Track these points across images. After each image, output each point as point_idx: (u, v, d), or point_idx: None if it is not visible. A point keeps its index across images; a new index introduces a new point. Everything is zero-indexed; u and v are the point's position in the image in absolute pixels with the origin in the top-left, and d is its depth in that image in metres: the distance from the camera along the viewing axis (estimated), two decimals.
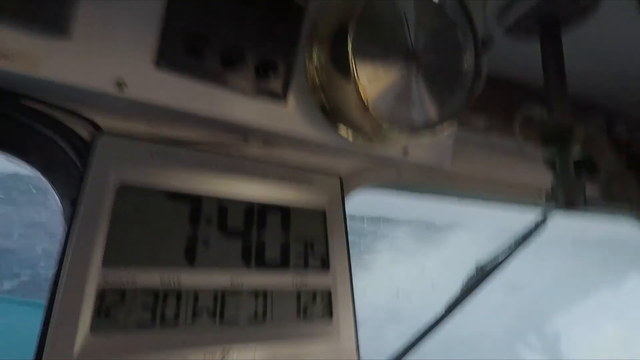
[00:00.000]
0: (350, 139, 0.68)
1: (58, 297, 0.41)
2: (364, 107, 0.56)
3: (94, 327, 0.41)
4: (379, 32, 0.57)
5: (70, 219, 0.45)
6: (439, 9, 0.62)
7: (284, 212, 0.59)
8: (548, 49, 0.74)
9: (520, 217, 1.03)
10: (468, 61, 0.66)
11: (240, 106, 0.57)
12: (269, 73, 0.57)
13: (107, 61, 0.47)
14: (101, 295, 0.43)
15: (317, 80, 0.63)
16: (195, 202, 0.52)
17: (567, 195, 0.58)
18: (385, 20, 0.58)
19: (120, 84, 0.49)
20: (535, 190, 0.95)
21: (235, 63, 0.54)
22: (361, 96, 0.56)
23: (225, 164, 0.56)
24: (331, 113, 0.64)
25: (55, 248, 0.46)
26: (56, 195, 0.52)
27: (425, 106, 0.63)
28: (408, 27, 0.59)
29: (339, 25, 0.60)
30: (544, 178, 0.95)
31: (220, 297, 0.49)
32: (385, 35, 0.58)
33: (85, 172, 0.47)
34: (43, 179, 0.52)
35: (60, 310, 0.41)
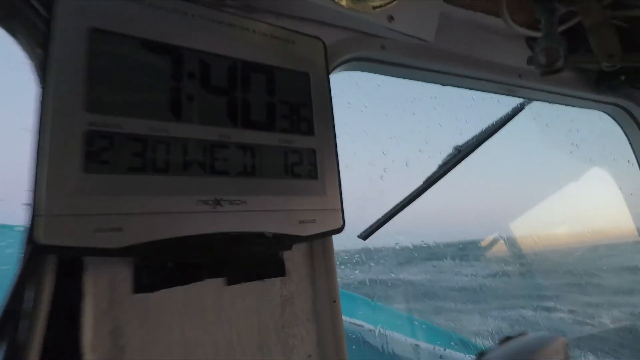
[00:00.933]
0: (334, 1, 0.64)
1: (44, 143, 0.40)
2: None
3: (86, 167, 0.41)
4: None
5: (42, 67, 0.42)
6: None
7: (268, 72, 0.57)
8: None
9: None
10: None
11: None
12: None
13: None
14: (89, 138, 0.41)
15: None
16: (174, 55, 0.49)
17: (549, 57, 0.59)
18: None
19: None
20: (517, 71, 0.95)
21: None
22: None
23: (205, 15, 0.52)
24: None
25: None
26: (21, 47, 0.48)
27: None
28: None
29: None
30: (524, 59, 0.94)
31: (210, 149, 0.49)
32: None
33: (52, 16, 0.43)
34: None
35: (49, 154, 0.39)
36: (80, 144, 0.41)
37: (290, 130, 0.57)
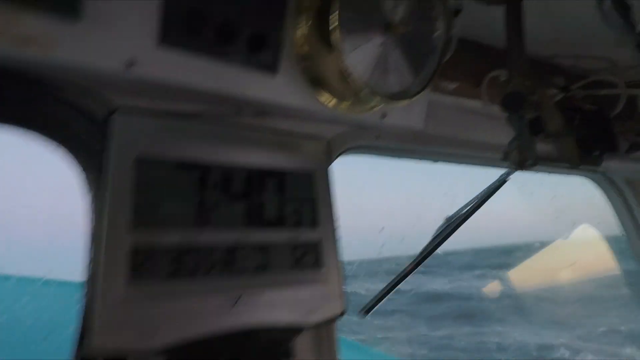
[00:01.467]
0: (334, 105, 0.74)
1: (98, 256, 0.48)
2: (345, 75, 0.62)
3: (131, 278, 0.49)
4: (360, 5, 0.63)
5: (95, 190, 0.52)
6: None
7: (280, 177, 0.67)
8: (510, 15, 0.81)
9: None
10: (440, 29, 0.72)
11: (234, 79, 0.62)
12: (261, 45, 0.62)
13: (117, 42, 0.51)
14: (134, 253, 0.50)
15: (303, 50, 0.68)
16: (203, 171, 0.59)
17: (520, 156, 0.68)
18: None
19: (129, 63, 0.53)
20: (500, 148, 1.05)
21: (229, 38, 0.59)
22: (343, 65, 0.62)
23: (226, 135, 0.63)
24: (316, 81, 0.70)
25: None
26: (78, 169, 0.57)
27: (402, 73, 0.70)
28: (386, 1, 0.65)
29: None
30: (508, 137, 1.05)
31: (231, 251, 0.58)
32: (366, 7, 0.63)
33: (106, 148, 0.53)
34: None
35: (102, 268, 0.48)
36: (128, 261, 0.49)
37: (298, 226, 0.66)
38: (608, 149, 1.09)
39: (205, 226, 0.57)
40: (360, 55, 0.64)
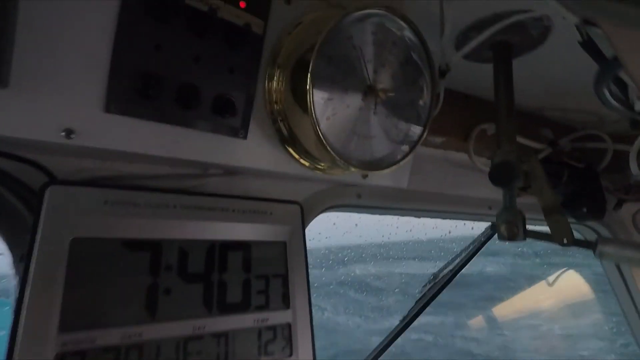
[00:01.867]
0: (310, 167, 0.68)
1: None
2: (321, 142, 0.56)
3: None
4: (337, 66, 0.57)
5: (22, 278, 0.43)
6: (397, 43, 0.63)
7: (245, 249, 0.59)
8: (499, 75, 0.77)
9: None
10: (425, 90, 0.68)
11: (198, 144, 0.55)
12: (227, 108, 0.56)
13: (52, 109, 0.44)
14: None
15: (276, 110, 0.62)
16: (154, 249, 0.51)
17: (510, 231, 0.63)
18: (343, 54, 0.57)
19: (68, 132, 0.46)
20: (487, 202, 1.01)
21: (191, 101, 0.53)
22: (318, 132, 0.56)
23: (185, 204, 0.55)
24: (291, 142, 0.64)
25: None
26: (8, 251, 0.49)
27: (384, 138, 0.64)
28: (365, 62, 0.60)
29: (299, 56, 0.60)
30: (495, 191, 1.01)
31: (183, 346, 0.49)
32: (343, 69, 0.58)
33: (35, 225, 0.45)
34: None
35: None
36: None
37: (266, 307, 0.58)
38: (596, 206, 1.06)
39: (154, 320, 0.49)
40: (337, 120, 0.58)
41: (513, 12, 0.66)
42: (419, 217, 0.95)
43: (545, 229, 0.67)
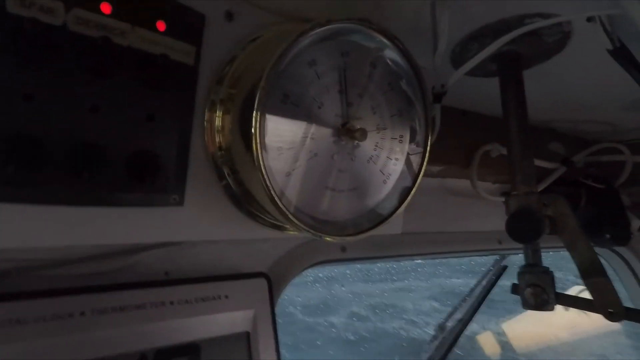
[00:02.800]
0: (272, 226, 0.53)
1: None
2: (280, 211, 0.41)
3: None
4: (297, 102, 0.42)
5: None
6: (377, 65, 0.48)
7: (192, 353, 0.44)
8: (508, 92, 0.63)
9: None
10: (417, 120, 0.53)
11: (111, 224, 0.40)
12: (149, 169, 0.41)
13: None
14: None
15: (221, 160, 0.47)
16: None
17: (537, 299, 0.48)
18: (304, 86, 0.42)
19: None
20: (494, 234, 0.86)
21: (91, 167, 0.37)
22: (274, 198, 0.40)
23: (99, 307, 0.40)
24: (244, 200, 0.49)
25: None
26: None
27: (368, 189, 0.49)
28: (335, 94, 0.45)
29: (248, 89, 0.44)
30: (502, 221, 0.86)
31: None
32: (305, 105, 0.43)
33: None
34: None
35: None
36: None
37: None
38: (620, 231, 0.92)
39: None
40: (301, 174, 0.43)
41: (525, 16, 0.51)
42: (416, 259, 0.80)
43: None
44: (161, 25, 0.40)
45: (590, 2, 0.48)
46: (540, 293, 0.49)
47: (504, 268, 0.92)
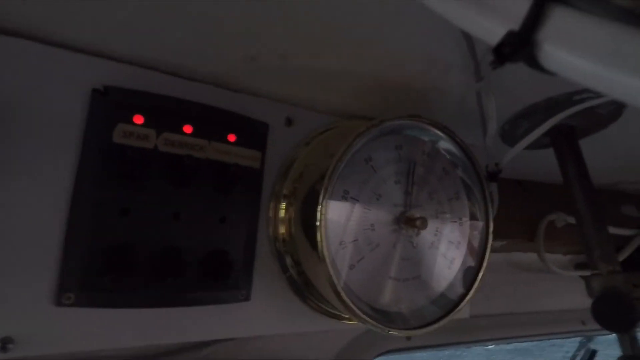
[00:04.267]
0: (336, 317, 0.52)
1: None
2: (346, 306, 0.41)
3: None
4: (357, 190, 0.44)
5: None
6: (431, 154, 0.49)
7: None
8: (567, 164, 0.61)
9: None
10: (476, 199, 0.53)
11: (185, 323, 0.42)
12: (221, 268, 0.43)
13: None
14: None
15: (284, 251, 0.48)
16: None
17: None
18: (364, 176, 0.44)
19: (3, 342, 0.35)
20: (577, 315, 0.78)
21: (171, 270, 0.40)
22: (334, 284, 0.40)
23: None
24: (307, 292, 0.50)
25: None
26: None
27: (432, 275, 0.48)
28: (392, 186, 0.46)
29: (309, 186, 0.47)
30: (585, 297, 0.78)
31: None
32: (365, 193, 0.44)
33: None
34: None
35: None
36: None
37: None
38: None
39: None
40: (365, 267, 0.44)
41: (574, 93, 0.52)
42: (488, 345, 0.73)
43: None
44: (232, 137, 0.45)
45: None
46: None
47: (594, 353, 0.81)
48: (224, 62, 0.44)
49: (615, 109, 0.56)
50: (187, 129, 0.43)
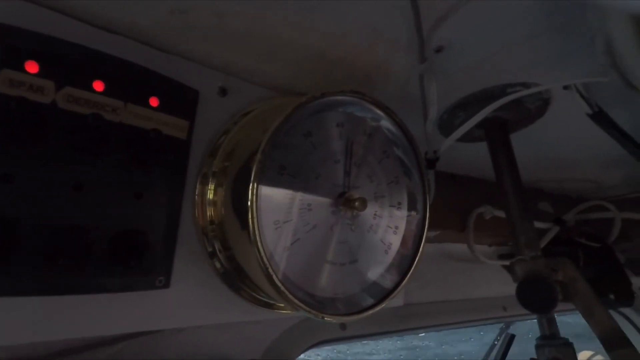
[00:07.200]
0: (267, 306, 0.49)
1: None
2: (277, 290, 0.38)
3: None
4: (294, 174, 0.41)
5: None
6: (372, 135, 0.48)
7: None
8: (499, 156, 0.63)
9: None
10: (414, 184, 0.52)
11: (90, 314, 0.36)
12: (134, 250, 0.37)
13: None
14: None
15: (212, 235, 0.44)
16: None
17: None
18: (300, 157, 0.41)
19: None
20: (499, 302, 0.82)
21: (71, 251, 0.34)
22: (266, 267, 0.37)
23: None
24: (237, 279, 0.45)
25: None
26: None
27: (369, 260, 0.47)
28: (331, 165, 0.44)
29: (242, 163, 0.43)
30: (507, 286, 0.83)
31: None
32: (302, 177, 0.41)
33: None
34: None
35: None
36: None
37: None
38: (623, 291, 0.89)
39: None
40: (300, 248, 0.41)
41: (508, 85, 0.53)
42: (419, 333, 0.74)
43: None
44: (154, 101, 0.40)
45: (566, 72, 0.51)
46: None
47: (513, 337, 0.86)
48: (148, 13, 0.38)
49: (542, 105, 0.59)
50: (98, 85, 0.36)
